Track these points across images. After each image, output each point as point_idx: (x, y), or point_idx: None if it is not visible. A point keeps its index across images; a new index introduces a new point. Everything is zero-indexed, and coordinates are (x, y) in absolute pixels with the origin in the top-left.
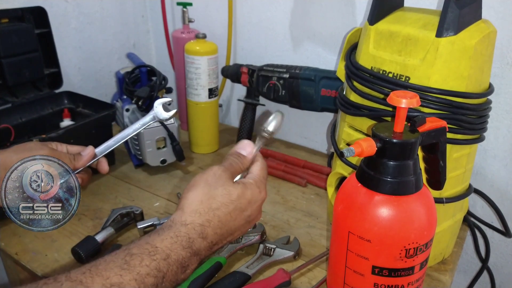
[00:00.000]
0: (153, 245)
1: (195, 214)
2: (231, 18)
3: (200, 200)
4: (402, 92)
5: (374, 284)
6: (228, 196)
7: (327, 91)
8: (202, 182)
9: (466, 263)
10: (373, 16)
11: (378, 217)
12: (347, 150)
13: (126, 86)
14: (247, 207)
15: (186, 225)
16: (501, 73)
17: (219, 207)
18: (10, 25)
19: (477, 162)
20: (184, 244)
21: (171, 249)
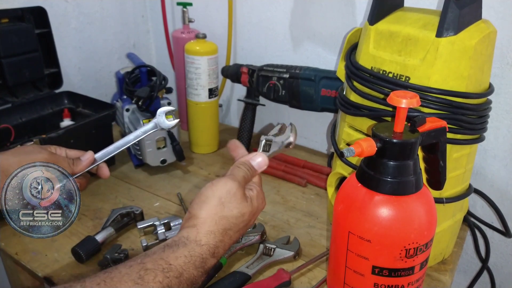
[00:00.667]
0: (167, 262)
1: (210, 235)
2: (231, 18)
3: (214, 220)
4: (402, 92)
5: (374, 284)
6: (241, 218)
7: (327, 91)
8: (215, 199)
9: (466, 263)
10: (373, 16)
11: (378, 217)
12: (347, 150)
13: (126, 86)
14: (252, 219)
15: (201, 246)
16: (501, 73)
17: (232, 228)
18: (10, 25)
19: (477, 162)
20: (197, 264)
21: (184, 268)
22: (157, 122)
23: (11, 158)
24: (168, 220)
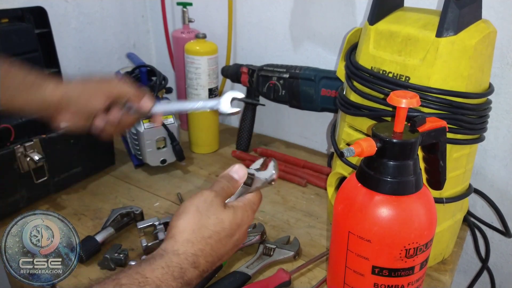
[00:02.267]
0: (143, 275)
1: (187, 243)
2: (231, 18)
3: (192, 229)
4: (402, 92)
5: (374, 284)
6: (220, 225)
7: (327, 91)
8: (192, 209)
9: (466, 263)
10: (373, 16)
11: (378, 217)
12: (347, 150)
13: None
14: (236, 232)
15: (178, 255)
16: (501, 73)
17: (211, 236)
18: (10, 25)
19: (477, 162)
20: (176, 274)
21: (162, 280)
22: (221, 102)
23: (75, 87)
24: (168, 220)
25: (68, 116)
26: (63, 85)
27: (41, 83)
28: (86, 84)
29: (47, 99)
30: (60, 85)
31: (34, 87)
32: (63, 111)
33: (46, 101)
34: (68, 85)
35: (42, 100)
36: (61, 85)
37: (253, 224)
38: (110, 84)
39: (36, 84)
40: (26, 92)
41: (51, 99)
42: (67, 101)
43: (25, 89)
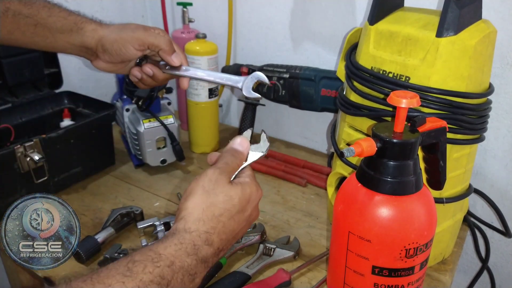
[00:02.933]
0: (157, 252)
1: (198, 222)
2: (231, 18)
3: (201, 208)
4: (402, 92)
5: (374, 284)
6: (230, 201)
7: (327, 91)
8: (199, 189)
9: (466, 263)
10: (373, 16)
11: (378, 217)
12: (347, 150)
13: (126, 86)
14: (247, 207)
15: (190, 232)
16: (501, 73)
17: (223, 213)
18: None
19: (477, 162)
20: (189, 251)
21: (175, 256)
22: (245, 83)
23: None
24: (168, 220)
25: (104, 61)
26: (101, 30)
27: (81, 26)
28: (121, 31)
29: (86, 42)
30: (98, 29)
31: (74, 29)
32: (100, 55)
33: (85, 44)
34: (105, 30)
35: (81, 42)
36: (99, 29)
37: (253, 224)
38: (144, 33)
39: (76, 26)
40: (67, 34)
41: (89, 43)
42: (102, 47)
43: (67, 31)
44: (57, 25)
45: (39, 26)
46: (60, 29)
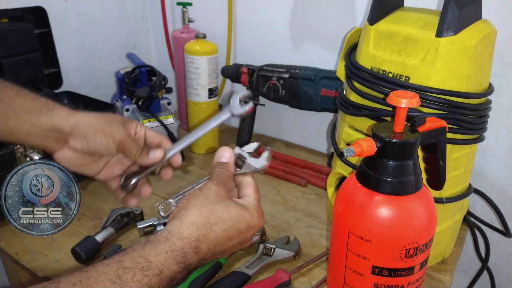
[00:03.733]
0: (147, 259)
1: (192, 226)
2: (231, 18)
3: (199, 212)
4: (402, 92)
5: (374, 284)
6: (227, 212)
7: (327, 91)
8: (201, 195)
9: (466, 263)
10: (373, 16)
11: (378, 217)
12: (347, 150)
13: (126, 86)
14: (245, 230)
15: (183, 239)
16: (501, 73)
17: (217, 222)
18: (10, 25)
19: (477, 162)
20: (178, 259)
21: (165, 264)
22: (231, 108)
23: (93, 122)
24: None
25: (74, 149)
26: (78, 115)
27: (52, 108)
28: (108, 123)
29: (57, 124)
30: (74, 113)
31: (44, 110)
32: (71, 141)
33: (56, 127)
34: (83, 116)
35: (50, 125)
36: (75, 113)
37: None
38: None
39: (46, 108)
40: (34, 114)
41: (62, 125)
42: (80, 132)
43: (35, 111)
44: (24, 104)
45: (2, 104)
46: (27, 108)
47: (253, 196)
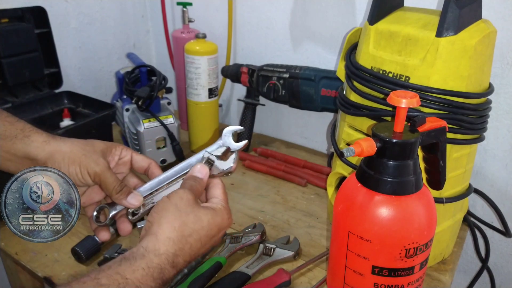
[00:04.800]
0: (124, 276)
1: (169, 241)
2: (231, 18)
3: (173, 226)
4: (402, 92)
5: (374, 284)
6: (200, 223)
7: (327, 91)
8: (172, 207)
9: (466, 263)
10: (373, 16)
11: (378, 217)
12: (347, 150)
13: (126, 86)
14: (216, 234)
15: (160, 255)
16: (501, 73)
17: (191, 234)
18: (10, 25)
19: (477, 162)
20: (156, 275)
21: (142, 281)
22: (223, 143)
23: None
24: None
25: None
26: (54, 143)
27: (28, 134)
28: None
29: (31, 153)
30: (50, 141)
31: (19, 136)
32: None
33: (30, 155)
34: (60, 145)
35: (25, 153)
36: (52, 141)
37: (253, 224)
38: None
39: (22, 134)
40: (9, 141)
41: (36, 154)
42: (55, 163)
43: (9, 137)
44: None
45: None
46: (2, 133)
47: (221, 197)
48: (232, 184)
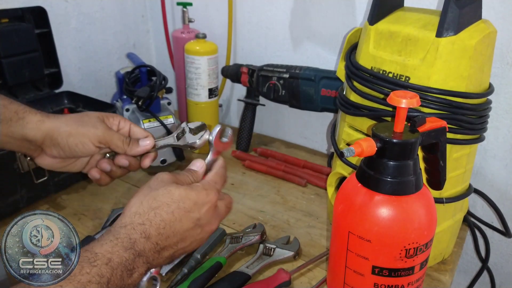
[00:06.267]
0: (93, 252)
1: (134, 215)
2: (231, 18)
3: (140, 201)
4: (402, 92)
5: (374, 284)
6: (169, 195)
7: (327, 91)
8: (144, 187)
9: (466, 263)
10: (373, 16)
11: (378, 217)
12: (347, 150)
13: (126, 86)
14: (193, 209)
15: (125, 226)
16: (501, 73)
17: (160, 206)
18: (10, 25)
19: (477, 162)
20: (126, 245)
21: (112, 252)
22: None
23: (63, 126)
24: None
25: (51, 156)
26: (49, 121)
27: (22, 116)
28: (80, 124)
29: (28, 135)
30: (45, 120)
31: (14, 119)
32: (46, 149)
33: (27, 137)
34: (55, 122)
35: (22, 135)
36: (46, 120)
37: (253, 224)
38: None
39: (17, 116)
40: (5, 124)
41: (33, 136)
42: (52, 140)
43: (5, 120)
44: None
45: None
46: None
47: (208, 178)
48: (232, 184)
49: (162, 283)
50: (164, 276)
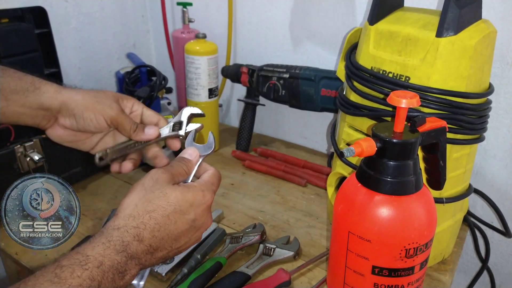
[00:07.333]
0: (84, 254)
1: (129, 218)
2: (231, 18)
3: (135, 204)
4: (402, 92)
5: (374, 284)
6: (165, 198)
7: (327, 91)
8: (138, 186)
9: (466, 263)
10: (373, 16)
11: (378, 217)
12: (347, 150)
13: (126, 86)
14: (189, 210)
15: (118, 229)
16: (501, 73)
17: (155, 209)
18: (10, 25)
19: (477, 162)
20: (118, 248)
21: (104, 255)
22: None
23: (80, 100)
24: None
25: (63, 127)
26: (66, 92)
27: (38, 86)
28: (97, 100)
29: (45, 103)
30: (62, 91)
31: (30, 89)
32: (61, 119)
33: (44, 106)
34: (72, 93)
35: (39, 104)
36: (63, 91)
37: (253, 224)
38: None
39: (33, 86)
40: (22, 94)
41: (50, 103)
42: (69, 110)
43: (22, 91)
44: (10, 85)
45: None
46: (14, 89)
47: (204, 179)
48: (232, 184)
49: (162, 283)
50: (164, 276)
